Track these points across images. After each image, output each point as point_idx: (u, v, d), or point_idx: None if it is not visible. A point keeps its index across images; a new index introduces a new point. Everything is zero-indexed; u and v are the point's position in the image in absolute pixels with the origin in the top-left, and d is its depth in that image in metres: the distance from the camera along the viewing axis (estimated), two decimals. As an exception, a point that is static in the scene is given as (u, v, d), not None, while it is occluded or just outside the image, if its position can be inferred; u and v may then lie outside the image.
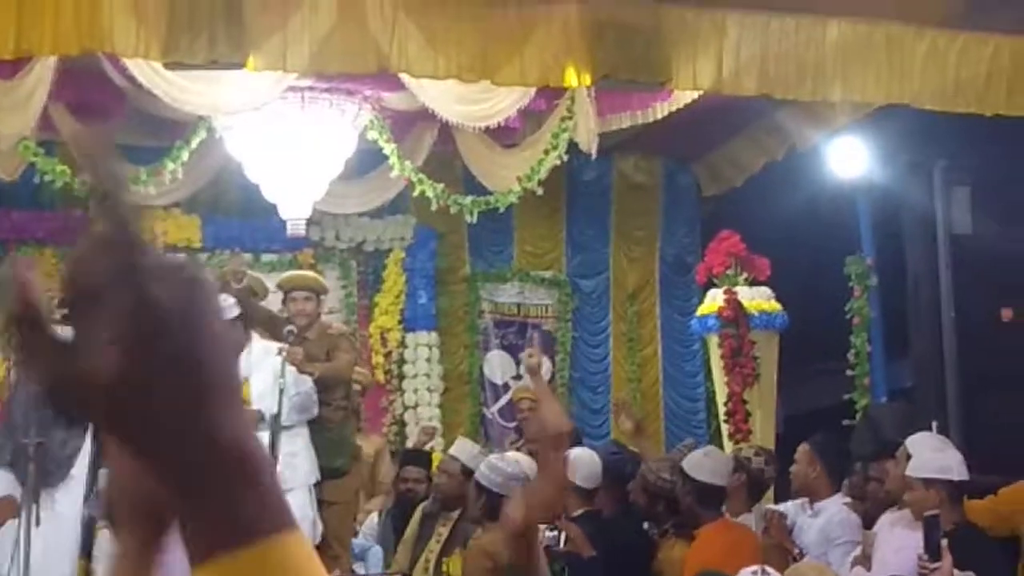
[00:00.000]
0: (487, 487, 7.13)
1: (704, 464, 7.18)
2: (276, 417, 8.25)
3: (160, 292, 1.01)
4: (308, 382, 8.65)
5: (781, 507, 7.76)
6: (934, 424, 7.83)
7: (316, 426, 8.90)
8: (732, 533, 7.26)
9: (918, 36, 8.80)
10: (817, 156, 11.62)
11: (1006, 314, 10.61)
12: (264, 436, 8.33)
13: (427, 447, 10.85)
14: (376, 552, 9.41)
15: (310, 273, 10.07)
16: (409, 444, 11.79)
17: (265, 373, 8.57)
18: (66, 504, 8.05)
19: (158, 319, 1.00)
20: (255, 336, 8.92)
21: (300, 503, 8.64)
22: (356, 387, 10.02)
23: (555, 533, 7.08)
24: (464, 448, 8.44)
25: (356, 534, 9.44)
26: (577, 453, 7.26)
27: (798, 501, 7.65)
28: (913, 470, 6.37)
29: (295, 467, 8.57)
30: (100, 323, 0.99)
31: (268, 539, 1.02)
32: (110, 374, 0.98)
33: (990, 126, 9.35)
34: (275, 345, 8.64)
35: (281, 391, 8.33)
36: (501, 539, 7.10)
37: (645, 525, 7.79)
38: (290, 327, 8.70)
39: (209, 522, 1.02)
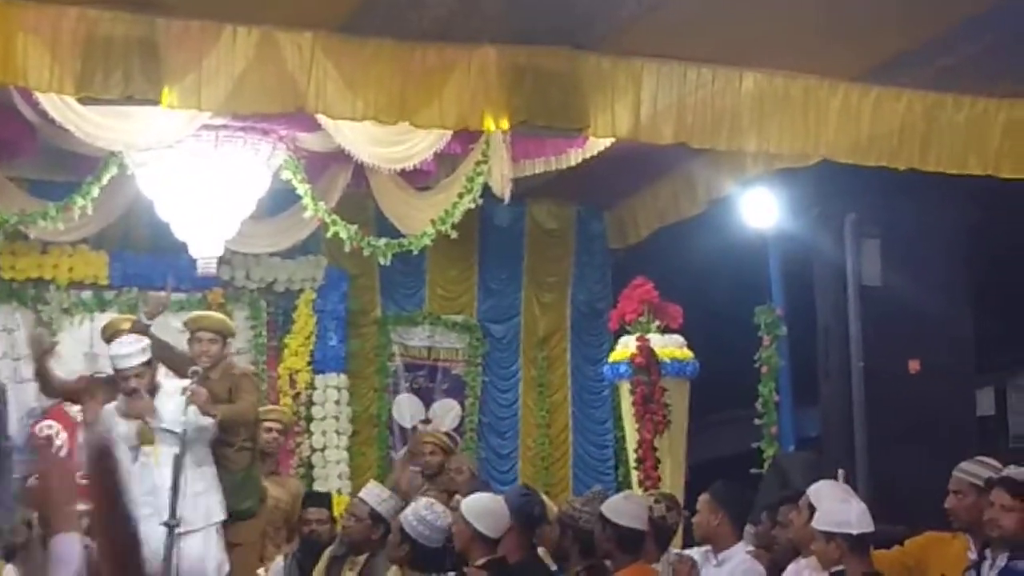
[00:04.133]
0: (412, 537, 7.10)
1: (625, 508, 7.15)
2: (179, 457, 8.17)
3: None
4: (207, 420, 8.57)
5: (688, 552, 7.78)
6: (840, 472, 7.87)
7: (220, 468, 8.82)
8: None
9: (832, 90, 8.91)
10: (730, 206, 11.72)
11: (913, 366, 10.73)
12: (166, 476, 8.29)
13: None
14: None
15: (216, 314, 9.96)
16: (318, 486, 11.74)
17: (170, 412, 8.50)
18: None
19: None
20: (163, 373, 8.85)
21: (207, 543, 8.55)
22: (277, 425, 9.96)
23: (461, 583, 7.05)
24: (374, 492, 8.39)
25: (261, 577, 9.33)
26: (482, 501, 7.22)
27: (702, 549, 7.66)
28: (815, 522, 6.41)
29: (199, 506, 8.48)
30: None
31: None
32: None
33: (900, 180, 9.49)
34: (181, 384, 8.56)
35: (184, 432, 8.25)
36: None
37: (553, 568, 7.75)
38: (195, 367, 8.62)
39: None
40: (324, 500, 9.77)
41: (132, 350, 8.66)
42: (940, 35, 8.30)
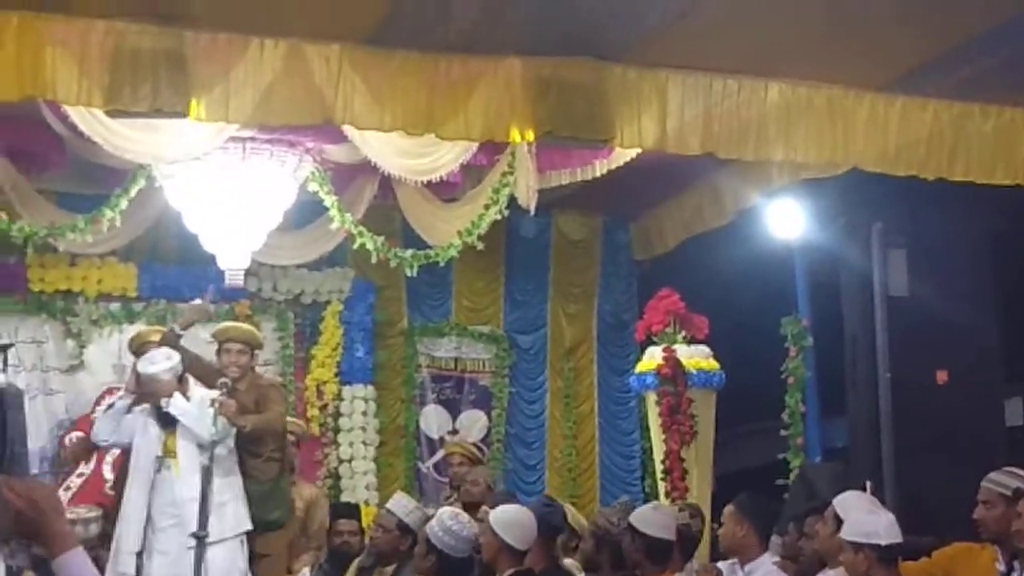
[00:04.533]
0: (438, 547, 7.10)
1: (654, 518, 7.14)
2: (207, 469, 8.20)
3: None
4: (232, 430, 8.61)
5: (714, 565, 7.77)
6: (868, 484, 7.85)
7: (249, 479, 8.85)
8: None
9: (858, 100, 8.90)
10: (756, 217, 11.71)
11: (941, 376, 10.69)
12: (187, 486, 8.32)
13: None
14: (311, 606, 9.33)
15: (245, 325, 10.00)
16: (345, 497, 11.75)
17: (193, 423, 8.54)
18: None
19: None
20: (192, 384, 8.89)
21: (232, 554, 8.57)
22: (291, 437, 9.97)
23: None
24: (401, 503, 8.40)
25: (289, 588, 9.35)
26: (511, 513, 7.22)
27: (728, 561, 7.65)
28: (844, 532, 6.39)
29: (224, 517, 8.50)
30: None
31: None
32: None
33: (926, 190, 9.47)
34: (210, 395, 8.59)
35: (214, 442, 8.28)
36: None
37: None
38: (224, 379, 8.66)
39: None
40: (353, 511, 9.80)
41: (161, 368, 8.71)
42: (965, 44, 8.28)
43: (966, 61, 8.55)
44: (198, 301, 9.49)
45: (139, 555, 8.49)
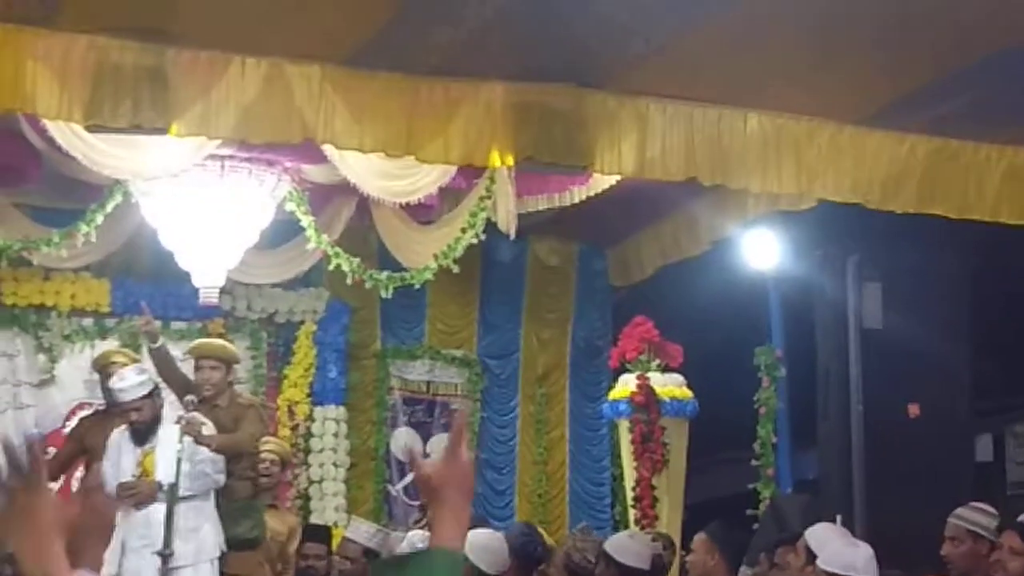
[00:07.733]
0: None
1: (629, 547, 7.15)
2: (173, 487, 8.16)
3: None
4: (204, 451, 8.56)
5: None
6: (838, 518, 7.87)
7: (222, 498, 8.81)
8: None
9: (835, 132, 8.95)
10: (732, 247, 11.74)
11: (913, 410, 10.72)
12: (161, 507, 8.28)
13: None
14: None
15: (219, 341, 9.98)
16: (314, 519, 11.69)
17: (168, 443, 8.50)
18: None
19: None
20: (166, 404, 8.86)
21: (200, 577, 8.53)
22: (273, 456, 9.92)
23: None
24: (360, 529, 8.37)
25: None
26: (482, 537, 7.20)
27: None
28: (821, 563, 6.40)
29: (195, 541, 8.46)
30: None
31: None
32: None
33: (902, 223, 9.51)
34: (177, 414, 8.57)
35: (179, 460, 8.24)
36: None
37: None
38: (190, 396, 8.63)
39: None
40: (323, 534, 9.74)
41: (131, 383, 8.68)
42: (943, 81, 8.33)
43: (944, 97, 8.60)
44: (141, 321, 9.43)
45: None
